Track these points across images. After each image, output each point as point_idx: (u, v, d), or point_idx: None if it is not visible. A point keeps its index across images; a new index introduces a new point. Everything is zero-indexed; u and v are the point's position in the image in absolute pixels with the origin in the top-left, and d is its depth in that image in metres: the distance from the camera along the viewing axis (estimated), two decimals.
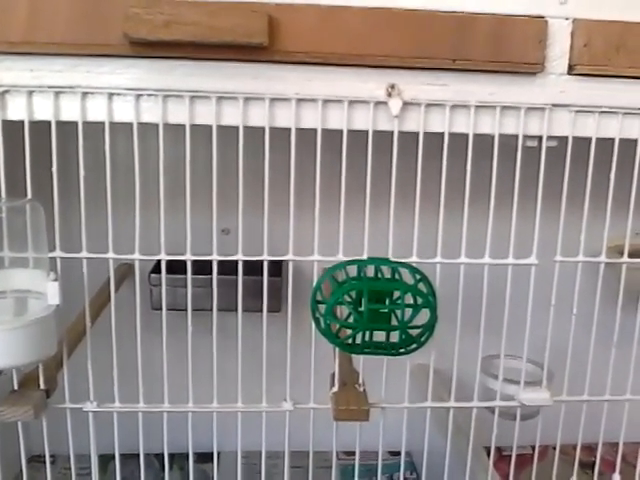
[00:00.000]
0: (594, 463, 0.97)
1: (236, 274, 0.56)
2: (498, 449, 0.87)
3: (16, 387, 0.55)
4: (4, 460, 0.58)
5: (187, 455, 0.61)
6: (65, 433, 0.57)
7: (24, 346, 0.47)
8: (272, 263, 0.56)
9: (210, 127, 0.52)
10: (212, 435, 0.60)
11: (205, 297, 0.58)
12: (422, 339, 0.55)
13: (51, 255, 0.52)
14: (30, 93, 0.51)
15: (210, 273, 0.55)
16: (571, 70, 0.54)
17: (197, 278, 0.56)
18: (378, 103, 0.53)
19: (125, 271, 0.76)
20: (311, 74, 0.52)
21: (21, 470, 0.59)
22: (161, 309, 0.57)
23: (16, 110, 0.51)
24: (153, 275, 0.71)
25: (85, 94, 0.51)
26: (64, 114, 0.51)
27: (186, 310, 0.57)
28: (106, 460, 0.65)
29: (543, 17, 0.53)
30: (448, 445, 0.63)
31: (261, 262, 0.56)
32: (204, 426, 0.60)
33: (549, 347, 0.62)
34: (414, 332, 0.54)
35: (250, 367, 0.58)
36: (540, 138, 0.56)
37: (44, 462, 0.75)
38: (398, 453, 0.94)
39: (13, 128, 0.52)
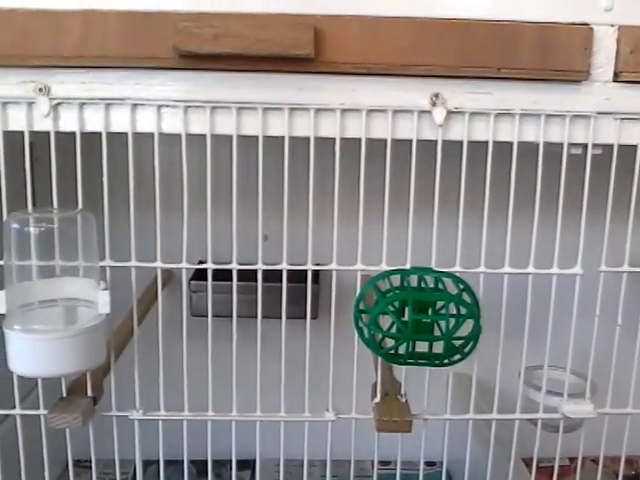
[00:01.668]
0: (634, 477, 0.95)
1: (271, 281, 0.56)
2: (532, 460, 0.86)
3: (64, 394, 0.56)
4: (41, 466, 0.59)
5: (223, 462, 0.61)
6: (102, 439, 0.58)
7: (75, 354, 0.48)
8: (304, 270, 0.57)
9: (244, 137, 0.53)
10: (252, 443, 0.60)
11: (240, 304, 0.58)
12: (466, 350, 0.54)
13: (101, 264, 0.53)
14: (82, 105, 0.52)
15: (245, 280, 0.56)
16: (617, 77, 0.54)
17: (229, 285, 0.56)
18: (422, 112, 0.53)
19: (165, 278, 0.77)
20: (356, 84, 0.52)
21: (68, 476, 0.59)
22: (200, 315, 0.58)
23: (68, 122, 0.52)
24: (193, 282, 0.72)
25: (135, 106, 0.52)
26: (114, 126, 0.52)
27: (223, 317, 0.57)
28: (142, 466, 0.65)
29: (588, 24, 0.53)
30: (490, 457, 0.62)
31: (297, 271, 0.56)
32: (238, 433, 0.60)
33: (592, 358, 0.61)
34: (458, 343, 0.54)
35: (283, 374, 0.58)
36: (585, 146, 0.56)
37: (82, 467, 0.76)
38: (433, 463, 0.94)
39: (58, 139, 0.53)
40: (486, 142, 0.54)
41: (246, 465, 0.93)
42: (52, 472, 0.59)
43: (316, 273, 0.73)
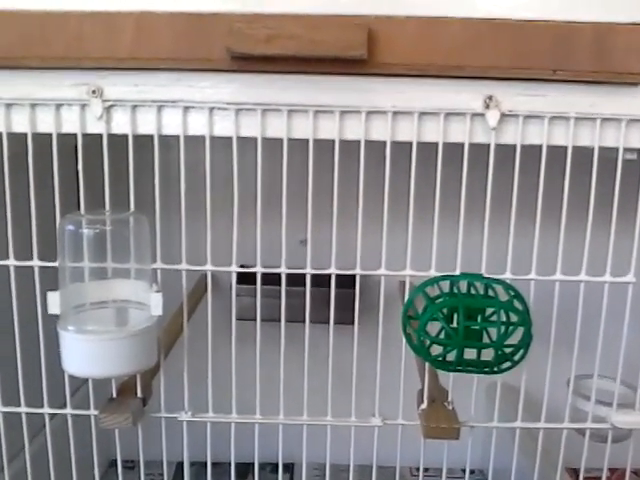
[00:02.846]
0: None
1: (312, 286, 0.56)
2: (574, 470, 0.84)
3: (114, 395, 0.56)
4: (84, 465, 0.59)
5: (262, 465, 0.62)
6: (142, 439, 0.58)
7: (129, 356, 0.48)
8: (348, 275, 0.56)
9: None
10: (301, 447, 0.60)
11: (276, 308, 0.58)
12: (516, 358, 0.53)
13: (153, 266, 0.53)
14: (134, 107, 0.52)
15: (277, 285, 0.56)
16: None
17: (271, 289, 0.56)
18: (475, 115, 0.52)
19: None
20: (408, 86, 0.52)
21: (108, 476, 0.60)
22: (244, 319, 0.58)
23: (120, 124, 0.52)
24: (238, 286, 0.72)
25: (187, 108, 0.52)
26: (166, 128, 0.52)
27: (265, 321, 0.57)
28: (179, 468, 0.65)
29: None
30: (537, 466, 0.61)
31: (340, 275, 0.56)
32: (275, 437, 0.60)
33: None
34: (508, 350, 0.53)
35: (322, 379, 0.58)
36: None
37: (124, 467, 0.77)
38: (471, 471, 0.93)
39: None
40: (537, 146, 0.53)
41: (285, 468, 0.93)
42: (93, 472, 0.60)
43: (354, 279, 0.73)
